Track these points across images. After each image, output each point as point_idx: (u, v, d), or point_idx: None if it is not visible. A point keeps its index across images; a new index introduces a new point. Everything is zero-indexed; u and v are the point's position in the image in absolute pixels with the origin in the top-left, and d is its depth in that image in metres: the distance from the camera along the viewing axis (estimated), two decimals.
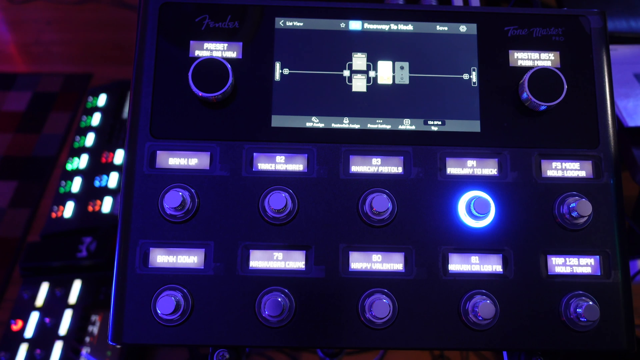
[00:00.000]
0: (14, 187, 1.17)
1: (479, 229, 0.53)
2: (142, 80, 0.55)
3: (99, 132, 1.16)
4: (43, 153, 1.21)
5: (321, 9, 0.58)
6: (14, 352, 0.89)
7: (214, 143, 0.54)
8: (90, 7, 1.46)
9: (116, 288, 0.51)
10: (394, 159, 0.55)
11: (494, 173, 0.55)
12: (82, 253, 0.97)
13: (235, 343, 0.51)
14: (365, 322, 0.51)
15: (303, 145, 0.55)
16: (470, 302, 0.51)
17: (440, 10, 0.59)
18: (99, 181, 1.09)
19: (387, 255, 0.53)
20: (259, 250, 0.53)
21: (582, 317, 0.50)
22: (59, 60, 1.39)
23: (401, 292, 0.52)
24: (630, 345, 0.52)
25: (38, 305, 0.94)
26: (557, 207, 0.54)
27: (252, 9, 0.57)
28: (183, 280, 0.52)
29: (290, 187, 0.54)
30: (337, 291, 0.52)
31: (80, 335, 0.90)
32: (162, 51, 0.56)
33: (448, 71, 0.57)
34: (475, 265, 0.53)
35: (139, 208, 0.53)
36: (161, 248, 0.52)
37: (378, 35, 0.57)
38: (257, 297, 0.51)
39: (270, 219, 0.53)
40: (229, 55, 0.56)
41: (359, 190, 0.54)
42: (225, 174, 0.54)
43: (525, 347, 0.52)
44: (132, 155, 0.54)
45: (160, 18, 0.56)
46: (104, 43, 1.39)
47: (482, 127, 0.56)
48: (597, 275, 0.53)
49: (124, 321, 0.51)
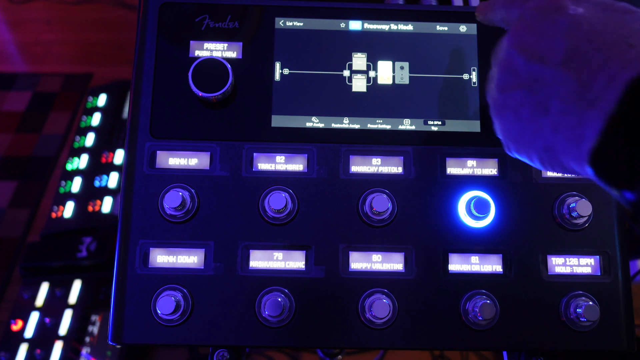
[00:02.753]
0: (14, 187, 1.16)
1: (479, 229, 0.53)
2: (142, 80, 0.55)
3: (99, 132, 1.16)
4: (43, 153, 1.21)
5: (321, 9, 0.58)
6: (14, 352, 0.89)
7: (214, 143, 0.54)
8: (90, 7, 1.46)
9: (116, 288, 0.51)
10: (394, 159, 0.55)
11: (494, 173, 0.55)
12: (82, 253, 0.97)
13: (235, 343, 0.51)
14: (365, 322, 0.51)
15: (303, 145, 0.55)
16: (470, 302, 0.51)
17: (440, 10, 0.59)
18: (99, 181, 1.09)
19: (387, 255, 0.53)
20: (259, 250, 0.53)
21: (582, 317, 0.50)
22: (59, 60, 1.38)
23: (401, 292, 0.52)
24: (630, 345, 0.52)
25: (38, 305, 0.94)
26: (557, 207, 0.54)
27: (252, 9, 0.57)
28: (183, 280, 0.52)
29: (290, 187, 0.54)
30: (337, 291, 0.52)
31: (80, 335, 0.89)
32: (162, 51, 0.56)
33: (448, 71, 0.57)
34: (475, 265, 0.53)
35: (139, 208, 0.53)
36: (161, 248, 0.52)
37: (378, 35, 0.57)
38: (257, 297, 0.51)
39: (270, 219, 0.53)
40: (229, 55, 0.56)
41: (359, 190, 0.54)
42: (225, 174, 0.54)
43: (525, 347, 0.52)
44: (132, 155, 0.54)
45: (160, 18, 0.56)
46: (104, 43, 1.39)
47: (482, 127, 0.56)
48: (597, 276, 0.53)
49: (124, 321, 0.50)
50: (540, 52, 0.37)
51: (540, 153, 0.38)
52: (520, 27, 0.40)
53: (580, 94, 0.34)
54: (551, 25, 0.37)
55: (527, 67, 0.38)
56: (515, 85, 0.39)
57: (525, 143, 0.39)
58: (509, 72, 0.40)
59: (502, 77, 0.41)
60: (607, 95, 0.32)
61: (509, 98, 0.40)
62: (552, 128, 0.36)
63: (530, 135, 0.39)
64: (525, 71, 0.38)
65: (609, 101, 0.31)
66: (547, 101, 0.36)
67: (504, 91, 0.40)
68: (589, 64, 0.34)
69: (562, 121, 0.35)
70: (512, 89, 0.39)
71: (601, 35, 0.34)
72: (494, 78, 0.42)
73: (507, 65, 0.40)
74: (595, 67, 0.33)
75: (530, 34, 0.38)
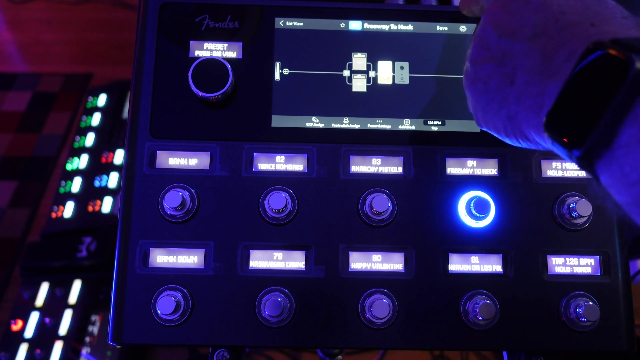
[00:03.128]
0: (14, 187, 1.16)
1: (479, 229, 0.53)
2: (142, 80, 0.55)
3: (99, 132, 1.16)
4: (43, 153, 1.21)
5: (321, 9, 0.58)
6: (14, 352, 0.89)
7: (214, 143, 0.54)
8: (90, 7, 1.46)
9: (116, 288, 0.51)
10: (394, 159, 0.55)
11: (494, 173, 0.55)
12: (82, 253, 0.97)
13: (235, 343, 0.51)
14: (365, 322, 0.51)
15: (303, 145, 0.55)
16: (470, 302, 0.51)
17: (440, 10, 0.59)
18: (99, 181, 1.09)
19: (387, 255, 0.53)
20: (259, 250, 0.53)
21: (582, 317, 0.50)
22: (59, 60, 1.38)
23: (401, 292, 0.52)
24: (630, 345, 0.52)
25: (38, 305, 0.94)
26: (557, 207, 0.54)
27: (252, 9, 0.57)
28: (183, 280, 0.52)
29: (290, 187, 0.54)
30: (337, 291, 0.52)
31: (80, 335, 0.89)
32: (162, 51, 0.56)
33: (448, 71, 0.57)
34: (475, 266, 0.53)
35: (139, 208, 0.53)
36: (161, 248, 0.52)
37: (378, 35, 0.57)
38: (257, 297, 0.51)
39: (270, 219, 0.53)
40: (229, 55, 0.56)
41: (359, 191, 0.54)
42: (225, 174, 0.54)
43: (525, 347, 0.52)
44: (132, 155, 0.54)
45: (160, 18, 0.56)
46: (104, 43, 1.39)
47: None
48: (597, 276, 0.53)
49: (124, 321, 0.50)
50: (511, 29, 0.40)
51: (504, 122, 0.40)
52: (496, 6, 0.42)
53: (543, 66, 0.36)
54: (524, 4, 0.40)
55: (499, 42, 0.41)
56: (487, 58, 0.42)
57: (491, 113, 0.42)
58: (482, 46, 0.43)
59: (475, 52, 0.44)
60: (566, 67, 0.34)
61: (480, 70, 0.43)
62: (516, 98, 0.39)
63: (496, 105, 0.41)
64: (497, 46, 0.41)
65: (566, 72, 0.34)
66: (514, 73, 0.39)
67: (475, 64, 0.43)
68: (553, 40, 0.36)
69: (525, 91, 0.38)
70: (483, 61, 0.42)
71: (567, 16, 0.37)
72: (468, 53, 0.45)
73: (480, 41, 0.43)
74: (560, 43, 0.36)
75: (504, 12, 0.41)
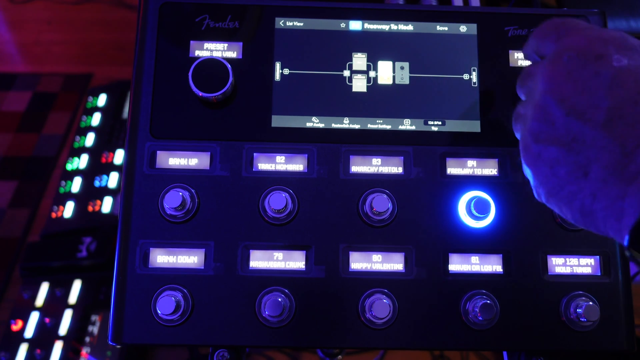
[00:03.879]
0: (14, 187, 1.16)
1: (479, 229, 0.53)
2: (142, 80, 0.55)
3: (99, 132, 1.16)
4: (43, 153, 1.21)
5: (321, 9, 0.58)
6: (14, 352, 0.89)
7: (214, 143, 0.54)
8: (90, 7, 1.46)
9: (116, 288, 0.51)
10: (394, 159, 0.55)
11: (494, 173, 0.55)
12: (82, 253, 0.97)
13: (235, 343, 0.51)
14: (365, 322, 0.51)
15: (303, 146, 0.55)
16: (470, 302, 0.51)
17: (440, 10, 0.59)
18: (99, 181, 1.09)
19: (387, 256, 0.53)
20: (259, 250, 0.53)
21: (582, 317, 0.50)
22: (59, 60, 1.38)
23: (401, 292, 0.52)
24: (630, 345, 0.52)
25: (38, 305, 0.94)
26: None
27: (252, 9, 0.57)
28: (183, 280, 0.52)
29: (290, 187, 0.54)
30: (337, 291, 0.52)
31: (80, 335, 0.89)
32: (162, 51, 0.56)
33: (448, 71, 0.57)
34: (476, 266, 0.53)
35: (139, 208, 0.53)
36: (161, 248, 0.52)
37: (378, 35, 0.57)
38: (257, 297, 0.51)
39: (271, 219, 0.53)
40: (229, 55, 0.56)
41: (359, 191, 0.54)
42: (225, 174, 0.54)
43: (525, 347, 0.52)
44: (132, 155, 0.54)
45: (160, 18, 0.56)
46: (104, 43, 1.39)
47: (482, 127, 0.56)
48: (597, 276, 0.53)
49: (124, 321, 0.50)
50: (581, 108, 0.35)
51: (574, 213, 0.37)
52: (558, 71, 0.37)
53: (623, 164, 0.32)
54: (593, 76, 0.35)
55: (566, 121, 0.36)
56: (552, 138, 0.37)
57: (561, 199, 0.38)
58: (545, 121, 0.38)
59: (536, 125, 0.38)
60: None
61: (544, 151, 0.38)
62: (591, 194, 0.34)
63: (567, 195, 0.37)
64: (563, 126, 0.36)
65: None
66: (587, 165, 0.35)
67: (538, 141, 0.38)
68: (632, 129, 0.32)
69: (603, 189, 0.34)
70: (548, 141, 0.37)
71: None
72: (527, 120, 0.40)
73: (542, 114, 0.38)
74: None
75: (569, 82, 0.36)
